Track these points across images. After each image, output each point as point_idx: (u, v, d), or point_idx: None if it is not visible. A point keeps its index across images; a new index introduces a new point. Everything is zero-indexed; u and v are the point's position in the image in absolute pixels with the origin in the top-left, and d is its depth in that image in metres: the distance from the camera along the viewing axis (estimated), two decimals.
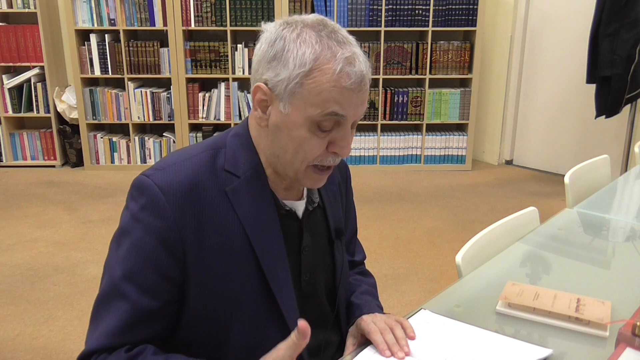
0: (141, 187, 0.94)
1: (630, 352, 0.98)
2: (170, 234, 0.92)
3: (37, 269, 2.91)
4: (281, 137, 0.95)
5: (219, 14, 4.27)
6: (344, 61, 0.89)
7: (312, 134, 0.93)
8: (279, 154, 0.97)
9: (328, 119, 0.92)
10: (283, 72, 0.90)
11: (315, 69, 0.89)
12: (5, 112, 4.48)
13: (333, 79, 0.89)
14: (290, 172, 0.98)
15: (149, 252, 0.92)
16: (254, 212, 0.98)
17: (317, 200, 1.10)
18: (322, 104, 0.90)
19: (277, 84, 0.91)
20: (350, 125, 0.96)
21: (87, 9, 4.27)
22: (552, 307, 1.14)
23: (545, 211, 1.77)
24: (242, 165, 0.99)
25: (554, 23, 4.36)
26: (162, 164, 0.97)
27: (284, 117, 0.93)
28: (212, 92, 4.47)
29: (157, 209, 0.92)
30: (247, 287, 0.98)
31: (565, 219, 1.74)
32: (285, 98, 0.91)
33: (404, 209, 3.75)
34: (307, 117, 0.91)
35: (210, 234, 0.95)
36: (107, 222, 3.52)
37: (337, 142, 0.95)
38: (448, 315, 1.13)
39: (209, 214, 0.95)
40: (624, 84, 3.47)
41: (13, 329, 2.38)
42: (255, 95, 0.95)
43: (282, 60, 0.90)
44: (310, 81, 0.89)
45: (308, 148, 0.94)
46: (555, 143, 4.54)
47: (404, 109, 4.52)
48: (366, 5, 4.27)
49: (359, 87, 0.91)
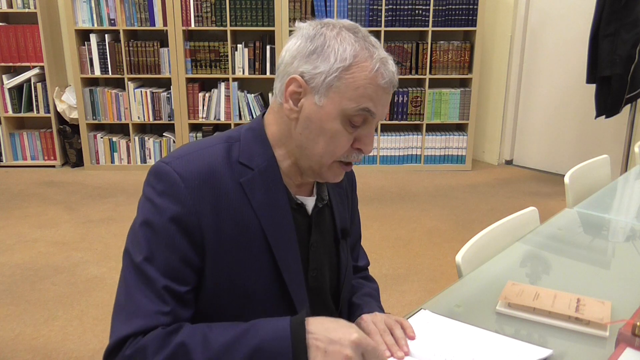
0: (160, 174, 0.95)
1: (630, 352, 0.98)
2: (189, 220, 0.93)
3: (37, 269, 2.91)
4: (312, 129, 0.97)
5: (219, 14, 4.27)
6: (380, 61, 0.95)
7: (343, 128, 0.96)
8: (308, 146, 0.99)
9: (360, 114, 0.96)
10: (323, 65, 0.94)
11: (354, 64, 0.94)
12: (5, 112, 4.48)
13: (370, 76, 0.94)
14: (315, 165, 1.00)
15: (168, 236, 0.93)
16: (267, 204, 1.00)
17: (327, 198, 1.12)
18: (358, 98, 0.94)
19: (315, 76, 0.95)
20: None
21: (87, 9, 4.27)
22: (552, 307, 1.14)
23: (545, 211, 1.77)
24: (256, 158, 1.01)
25: (554, 23, 4.36)
26: (180, 153, 0.98)
27: (318, 109, 0.96)
28: (212, 92, 4.47)
29: (176, 195, 0.93)
30: (260, 277, 0.99)
31: (565, 219, 1.74)
32: (322, 91, 0.95)
33: (404, 209, 3.75)
34: (341, 110, 0.95)
35: (226, 223, 0.96)
36: (107, 222, 3.52)
37: (363, 139, 0.99)
38: (448, 315, 1.13)
39: (225, 203, 0.96)
40: (624, 84, 3.47)
41: (13, 329, 2.38)
42: (288, 87, 0.98)
43: (323, 54, 0.95)
44: (348, 76, 0.94)
45: (338, 142, 0.97)
46: (555, 143, 4.54)
47: (404, 109, 4.52)
48: (366, 5, 4.27)
49: (390, 88, 0.97)
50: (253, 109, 4.48)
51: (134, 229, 0.96)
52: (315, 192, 1.10)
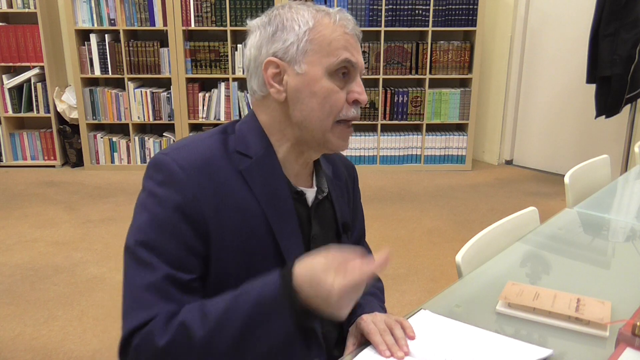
0: (159, 165, 0.95)
1: (630, 352, 0.98)
2: (191, 208, 0.93)
3: (37, 269, 2.91)
4: (304, 98, 0.99)
5: (219, 14, 4.27)
6: (338, 13, 1.01)
7: (333, 83, 0.99)
8: (306, 115, 1.00)
9: (342, 65, 0.98)
10: (290, 36, 0.98)
11: (317, 23, 0.98)
12: (5, 112, 4.48)
13: (335, 27, 0.99)
14: (318, 133, 1.01)
15: (172, 225, 0.92)
16: (268, 191, 1.00)
17: (326, 190, 1.12)
18: (335, 52, 0.98)
19: (288, 49, 0.98)
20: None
21: (87, 9, 4.27)
22: (552, 307, 1.14)
23: (545, 211, 1.77)
24: (253, 147, 1.01)
25: (554, 23, 4.36)
26: (177, 145, 0.99)
27: (303, 77, 0.98)
28: (212, 92, 4.47)
29: (177, 184, 0.93)
30: (264, 263, 0.99)
31: (565, 219, 1.74)
32: (299, 58, 0.98)
33: (404, 209, 3.75)
34: (324, 68, 0.97)
35: (228, 212, 0.96)
36: (107, 222, 3.52)
37: (355, 89, 1.01)
38: (448, 315, 1.13)
39: (226, 191, 0.96)
40: (624, 84, 3.47)
41: (13, 329, 2.38)
42: (266, 71, 0.99)
43: (286, 28, 0.99)
44: (317, 35, 0.97)
45: (332, 99, 0.99)
46: (555, 143, 4.54)
47: (404, 109, 4.52)
48: (366, 5, 4.27)
49: (355, 34, 1.02)
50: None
51: (136, 222, 0.96)
52: (314, 184, 1.11)
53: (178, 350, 0.87)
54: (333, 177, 1.16)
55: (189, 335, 0.86)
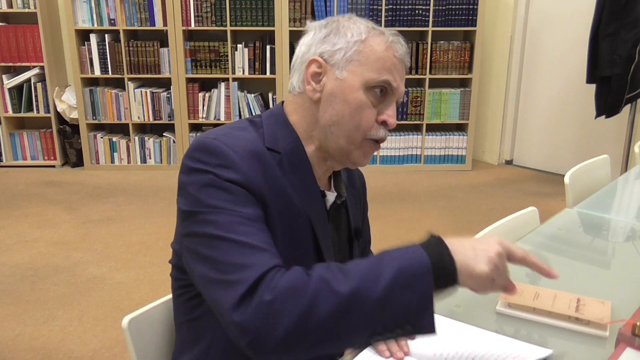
0: (210, 149, 0.92)
1: (630, 352, 0.98)
2: (252, 186, 0.91)
3: (37, 269, 2.91)
4: (337, 103, 0.99)
5: (219, 14, 4.27)
6: (393, 36, 1.01)
7: (367, 98, 0.98)
8: (335, 121, 0.99)
9: (381, 85, 0.98)
10: (340, 41, 0.99)
11: (370, 38, 0.99)
12: (5, 112, 4.48)
13: (386, 47, 0.99)
14: (344, 144, 1.00)
15: (243, 194, 0.90)
16: (300, 184, 1.01)
17: (345, 196, 1.12)
18: (378, 70, 0.98)
19: (335, 53, 0.99)
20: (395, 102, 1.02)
21: (87, 9, 4.27)
22: (552, 307, 1.14)
23: (545, 211, 1.77)
24: (281, 141, 1.01)
25: (554, 23, 4.36)
26: (220, 132, 0.97)
27: (341, 83, 0.98)
28: (212, 92, 4.47)
29: (235, 166, 0.91)
30: (304, 253, 1.00)
31: (565, 219, 1.74)
32: (342, 65, 0.98)
33: (404, 209, 3.75)
34: (363, 80, 0.97)
35: (275, 196, 0.95)
36: (107, 222, 3.52)
37: (387, 112, 1.00)
38: (448, 315, 1.13)
39: (271, 177, 0.96)
40: (624, 84, 3.47)
41: (13, 329, 2.38)
42: (308, 68, 1.00)
43: (339, 33, 1.00)
44: (367, 49, 0.98)
45: (363, 114, 0.98)
46: (555, 143, 4.54)
47: (404, 109, 4.52)
48: (366, 5, 4.27)
49: (404, 62, 1.02)
50: (253, 109, 4.48)
51: (199, 201, 0.89)
52: (333, 189, 1.11)
53: (322, 300, 0.80)
54: (348, 183, 1.17)
55: (332, 290, 0.80)
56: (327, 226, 1.04)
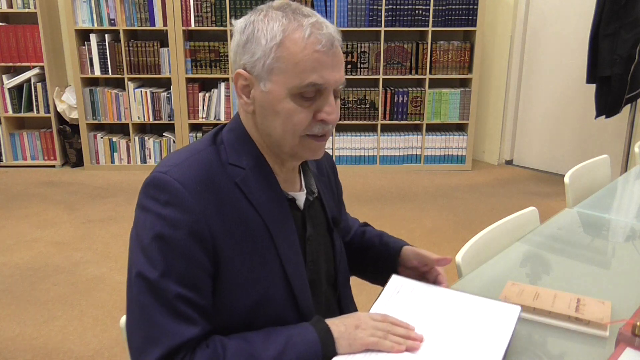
0: (160, 184, 0.94)
1: (630, 352, 0.98)
2: (199, 227, 0.92)
3: (37, 269, 2.91)
4: (268, 115, 0.98)
5: (219, 14, 4.27)
6: (311, 27, 0.94)
7: (296, 104, 0.96)
8: (271, 133, 0.99)
9: (308, 89, 0.95)
10: (258, 50, 0.95)
11: (286, 38, 0.93)
12: (5, 112, 4.48)
13: (305, 45, 0.93)
14: (286, 149, 1.00)
15: (181, 246, 0.91)
16: (265, 199, 1.00)
17: (316, 192, 1.13)
18: (300, 74, 0.93)
19: (255, 63, 0.96)
20: (333, 94, 0.99)
21: (87, 9, 4.27)
22: (552, 307, 1.14)
23: (545, 211, 1.77)
24: (244, 157, 1.01)
25: (554, 23, 4.36)
26: (173, 161, 0.97)
27: (266, 95, 0.96)
28: (212, 92, 4.47)
29: (182, 204, 0.92)
30: (268, 274, 0.99)
31: (565, 219, 1.74)
32: (265, 76, 0.95)
33: (404, 209, 3.75)
34: (287, 89, 0.95)
35: (232, 224, 0.96)
36: (107, 222, 3.52)
37: (323, 109, 0.97)
38: None
39: (227, 204, 0.96)
40: (624, 84, 3.46)
41: (13, 329, 2.38)
42: (237, 83, 0.99)
43: (254, 40, 0.95)
44: (285, 53, 0.93)
45: (295, 119, 0.96)
46: (555, 143, 4.54)
47: (404, 109, 4.52)
48: (366, 5, 4.27)
49: (331, 50, 0.95)
50: None
51: (139, 239, 0.93)
52: (304, 187, 1.12)
53: None
54: (318, 173, 1.18)
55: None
56: (291, 228, 1.03)
